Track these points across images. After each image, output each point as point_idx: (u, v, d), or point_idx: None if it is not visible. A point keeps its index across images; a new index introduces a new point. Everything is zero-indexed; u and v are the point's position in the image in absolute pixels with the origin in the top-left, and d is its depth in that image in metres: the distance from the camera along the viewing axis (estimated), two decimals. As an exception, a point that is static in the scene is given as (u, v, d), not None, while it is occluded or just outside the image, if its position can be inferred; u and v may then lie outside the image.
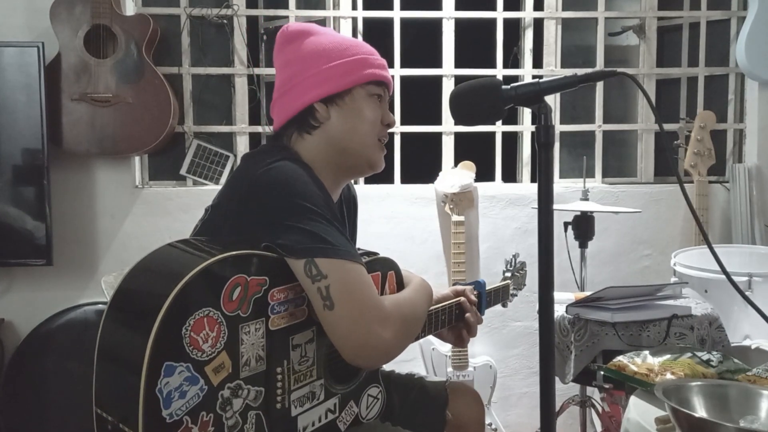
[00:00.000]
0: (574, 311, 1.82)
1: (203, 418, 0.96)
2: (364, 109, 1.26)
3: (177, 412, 0.93)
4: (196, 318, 0.95)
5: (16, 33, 2.51)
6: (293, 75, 1.26)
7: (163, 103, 2.46)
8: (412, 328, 1.19)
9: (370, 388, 1.32)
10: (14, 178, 2.41)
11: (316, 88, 1.23)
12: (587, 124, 2.90)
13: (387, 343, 1.07)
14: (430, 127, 2.84)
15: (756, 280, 2.04)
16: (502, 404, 2.77)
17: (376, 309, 1.07)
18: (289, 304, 1.09)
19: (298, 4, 2.78)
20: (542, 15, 2.84)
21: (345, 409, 1.25)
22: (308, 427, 1.15)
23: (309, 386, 1.15)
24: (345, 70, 1.24)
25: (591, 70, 1.03)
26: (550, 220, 1.01)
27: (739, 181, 2.72)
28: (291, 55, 1.27)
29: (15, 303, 2.56)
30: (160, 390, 0.91)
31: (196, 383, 0.95)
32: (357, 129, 1.25)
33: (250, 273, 1.03)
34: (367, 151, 1.28)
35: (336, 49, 1.25)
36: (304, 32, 1.28)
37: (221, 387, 0.99)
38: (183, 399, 0.94)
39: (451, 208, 2.62)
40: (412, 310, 1.20)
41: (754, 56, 2.65)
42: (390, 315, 1.09)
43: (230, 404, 1.01)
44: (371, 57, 1.29)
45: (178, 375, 0.93)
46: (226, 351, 0.99)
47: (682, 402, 1.07)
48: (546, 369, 1.02)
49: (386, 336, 1.06)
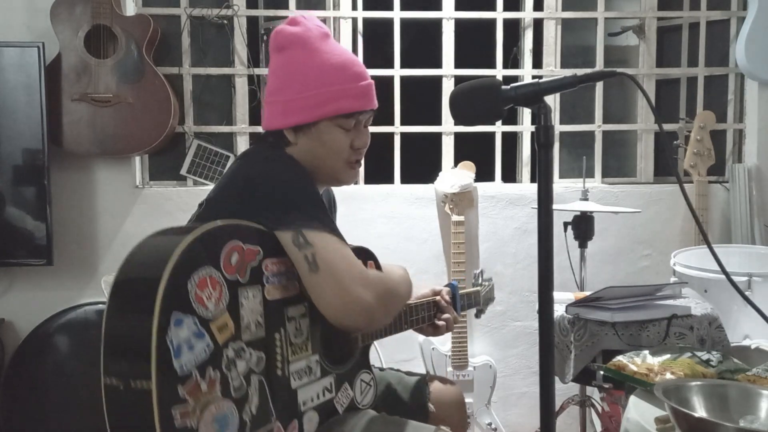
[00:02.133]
0: (573, 311, 1.82)
1: (211, 376, 1.01)
2: (328, 141, 1.30)
3: (187, 364, 0.97)
4: (200, 276, 1.01)
5: (16, 33, 2.51)
6: (273, 91, 1.32)
7: (163, 104, 2.46)
8: (394, 299, 1.26)
9: (362, 374, 1.36)
10: (15, 178, 2.41)
11: (286, 117, 1.29)
12: (587, 125, 2.90)
13: (368, 303, 1.12)
14: (430, 127, 2.84)
15: (755, 280, 2.04)
16: (502, 404, 2.78)
17: (358, 273, 1.14)
18: (281, 277, 1.16)
19: (298, 5, 2.78)
20: (542, 15, 2.84)
21: (341, 391, 1.29)
22: (307, 402, 1.20)
23: (305, 360, 1.20)
24: (315, 103, 1.27)
25: (591, 71, 1.03)
26: (549, 220, 1.01)
27: (738, 181, 2.73)
28: (276, 67, 1.32)
29: (15, 303, 2.56)
30: (171, 339, 0.95)
31: (203, 338, 1.00)
32: (321, 156, 1.31)
33: (245, 241, 1.09)
34: (334, 173, 1.35)
35: (314, 77, 1.28)
36: (293, 42, 1.29)
37: (225, 346, 1.04)
38: (192, 352, 0.98)
39: (451, 208, 2.62)
40: (394, 284, 1.27)
41: (754, 56, 2.65)
42: (372, 280, 1.16)
43: (234, 365, 1.05)
44: (350, 87, 1.30)
45: (186, 328, 0.98)
46: (228, 312, 1.05)
47: (682, 402, 1.07)
48: (546, 369, 1.02)
49: (367, 297, 1.12)
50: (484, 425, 2.57)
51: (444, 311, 1.57)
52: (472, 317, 2.70)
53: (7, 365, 2.50)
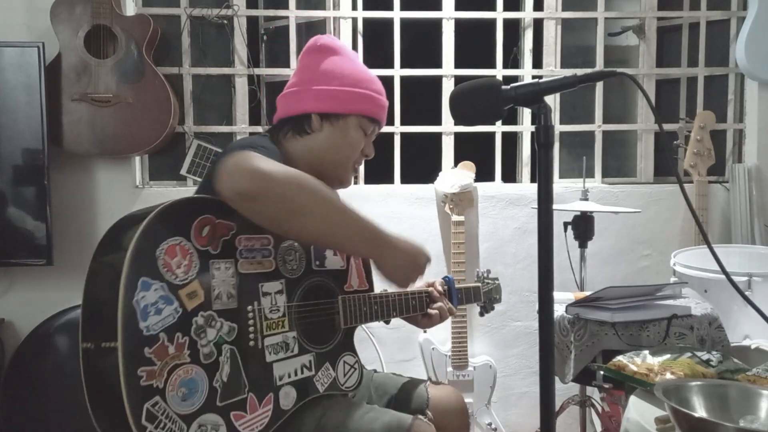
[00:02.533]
0: (573, 311, 1.82)
1: (179, 339, 1.05)
2: (350, 135, 1.43)
3: (153, 327, 1.02)
4: (169, 244, 1.06)
5: (16, 33, 2.51)
6: (306, 80, 1.42)
7: (163, 104, 2.46)
8: (306, 191, 1.14)
9: (346, 356, 1.38)
10: (15, 178, 2.41)
11: (319, 102, 1.40)
12: (587, 125, 2.90)
13: (260, 168, 1.08)
14: (430, 127, 2.84)
15: (755, 280, 2.04)
16: (502, 404, 2.78)
17: (263, 156, 1.12)
18: (257, 252, 1.21)
19: (299, 5, 2.78)
20: (542, 15, 2.84)
21: (321, 370, 1.31)
22: (284, 378, 1.22)
23: (282, 335, 1.23)
24: (350, 98, 1.41)
25: (591, 71, 1.03)
26: (549, 220, 1.01)
27: (738, 181, 2.73)
28: (312, 63, 1.44)
29: (15, 303, 2.56)
30: (137, 302, 1.00)
31: (171, 303, 1.05)
32: (339, 149, 1.43)
33: (217, 215, 1.14)
34: (340, 170, 1.45)
35: (351, 77, 1.43)
36: (333, 49, 1.45)
37: (195, 313, 1.08)
38: (159, 315, 1.03)
39: (451, 208, 2.62)
40: (314, 187, 1.16)
41: (754, 56, 2.65)
42: (279, 167, 1.11)
43: (204, 332, 1.09)
44: (377, 97, 1.46)
45: (153, 291, 1.02)
46: (198, 280, 1.09)
47: (682, 402, 1.07)
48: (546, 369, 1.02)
49: (263, 165, 1.08)
50: (484, 425, 2.57)
51: (436, 300, 1.58)
52: (473, 317, 2.72)
53: (7, 365, 2.50)
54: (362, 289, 1.45)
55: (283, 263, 1.27)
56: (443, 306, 1.58)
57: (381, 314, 1.46)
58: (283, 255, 1.27)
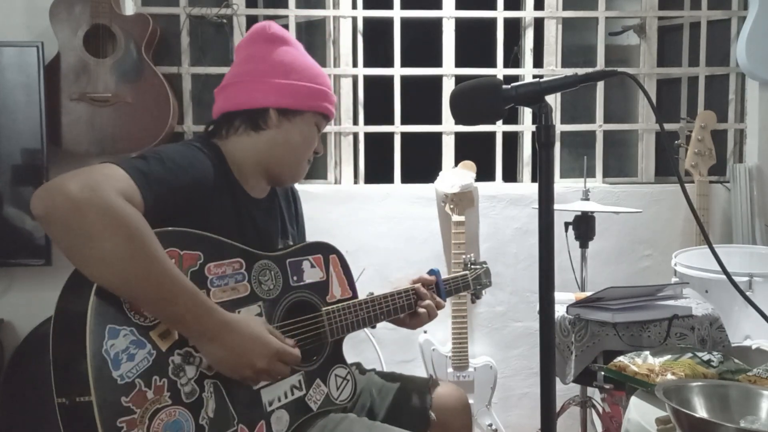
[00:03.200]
0: (574, 311, 1.81)
1: (156, 383, 1.00)
2: (304, 133, 1.36)
3: (128, 374, 0.97)
4: None
5: (15, 33, 2.50)
6: (260, 72, 1.32)
7: (162, 103, 2.46)
8: (112, 217, 0.96)
9: (337, 368, 1.34)
10: (14, 178, 2.41)
11: (278, 97, 1.31)
12: (588, 124, 2.89)
13: (66, 189, 0.94)
14: (430, 126, 2.83)
15: (756, 281, 2.03)
16: (503, 405, 2.77)
17: (91, 172, 1.00)
18: (229, 278, 1.16)
19: (298, 4, 2.78)
20: (543, 14, 2.83)
21: (312, 388, 1.28)
22: (274, 402, 1.19)
23: None
24: (310, 94, 1.34)
25: (591, 70, 1.03)
26: (550, 220, 1.01)
27: (739, 181, 2.72)
28: (264, 52, 1.34)
29: (15, 303, 2.55)
30: (106, 351, 0.96)
31: (143, 347, 1.00)
32: (295, 146, 1.35)
33: (181, 247, 1.08)
34: (293, 166, 1.38)
35: (308, 71, 1.36)
36: (285, 39, 1.37)
37: (170, 353, 1.04)
38: (132, 362, 0.98)
39: (452, 208, 2.61)
40: (124, 214, 0.97)
41: (755, 56, 2.64)
42: (101, 189, 0.96)
43: (183, 371, 1.04)
44: (330, 93, 1.40)
45: (123, 338, 0.98)
46: None
47: (683, 402, 1.07)
48: (546, 369, 1.02)
49: (73, 187, 0.94)
50: (484, 426, 2.56)
51: (423, 298, 1.52)
52: (473, 318, 2.71)
53: (7, 365, 2.49)
54: (346, 297, 1.40)
55: (259, 284, 1.21)
56: (431, 303, 1.52)
57: (369, 320, 1.42)
58: (258, 276, 1.22)
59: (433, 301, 1.53)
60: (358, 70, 2.78)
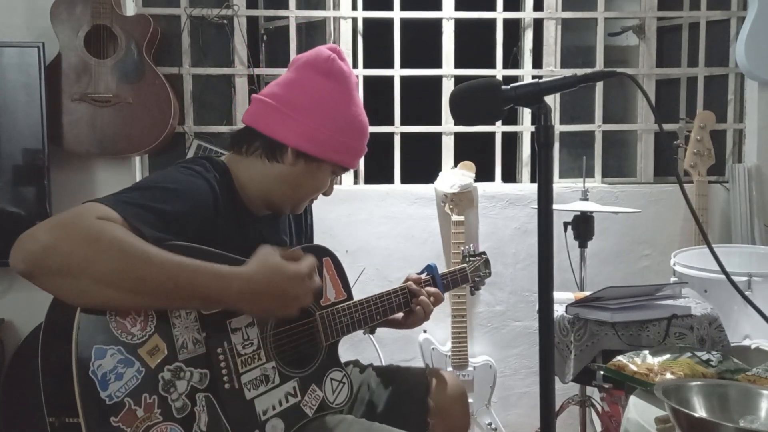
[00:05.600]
0: (573, 311, 1.82)
1: (146, 400, 0.99)
2: (317, 179, 1.33)
3: (116, 393, 0.96)
4: None
5: (16, 33, 2.50)
6: (296, 105, 1.27)
7: (163, 104, 2.46)
8: (89, 242, 0.97)
9: (332, 372, 1.32)
10: (14, 178, 2.41)
11: (300, 139, 1.27)
12: (587, 125, 2.90)
13: (36, 236, 0.97)
14: (430, 127, 2.84)
15: (755, 280, 2.04)
16: (502, 404, 2.77)
17: (56, 216, 1.02)
18: None
19: (299, 5, 2.78)
20: (542, 15, 2.84)
21: (308, 393, 1.26)
22: (268, 411, 1.17)
23: (259, 369, 1.17)
24: (335, 147, 1.29)
25: (591, 71, 1.03)
26: (549, 220, 1.01)
27: (738, 181, 2.72)
28: (311, 84, 1.29)
29: (15, 303, 2.55)
30: (93, 372, 0.95)
31: (131, 365, 0.99)
32: (303, 187, 1.33)
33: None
34: (296, 204, 1.37)
35: (345, 122, 1.30)
36: (340, 78, 1.30)
37: (160, 369, 1.02)
38: (120, 381, 0.98)
39: (451, 208, 2.62)
40: (101, 233, 0.98)
41: (754, 56, 2.65)
42: (70, 224, 0.98)
43: (173, 386, 1.03)
44: (360, 147, 1.35)
45: (110, 357, 0.97)
46: (158, 334, 1.03)
47: (682, 402, 1.07)
48: (546, 369, 1.02)
49: (39, 231, 0.97)
50: (484, 425, 2.57)
51: (417, 294, 1.50)
52: (472, 317, 2.72)
53: (7, 365, 2.49)
54: (340, 299, 1.38)
55: None
56: (425, 299, 1.50)
57: (365, 321, 1.41)
58: None
59: (427, 296, 1.52)
60: (358, 70, 2.78)
